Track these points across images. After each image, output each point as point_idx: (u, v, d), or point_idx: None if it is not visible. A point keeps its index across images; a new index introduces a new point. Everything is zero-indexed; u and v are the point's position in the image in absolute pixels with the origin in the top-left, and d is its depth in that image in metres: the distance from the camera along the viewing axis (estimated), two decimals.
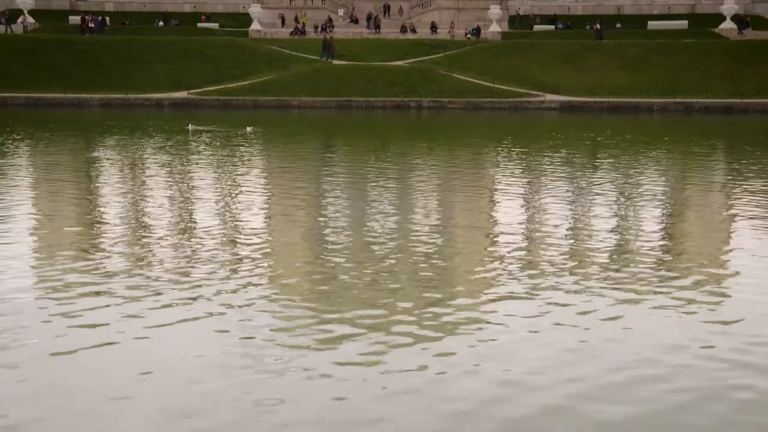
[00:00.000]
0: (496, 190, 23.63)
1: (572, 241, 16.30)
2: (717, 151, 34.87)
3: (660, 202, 21.42)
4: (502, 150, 33.83)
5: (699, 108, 55.33)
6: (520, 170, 27.59)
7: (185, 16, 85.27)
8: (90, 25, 70.09)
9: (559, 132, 41.19)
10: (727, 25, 74.25)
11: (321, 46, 65.06)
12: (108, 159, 29.46)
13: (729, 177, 26.10)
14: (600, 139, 37.74)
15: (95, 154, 30.98)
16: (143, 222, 17.96)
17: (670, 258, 15.07)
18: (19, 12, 76.79)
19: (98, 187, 23.49)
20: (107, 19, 75.58)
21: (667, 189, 24.18)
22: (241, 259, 14.38)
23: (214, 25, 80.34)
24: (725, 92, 57.92)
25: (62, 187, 22.66)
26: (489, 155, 32.57)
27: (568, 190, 22.82)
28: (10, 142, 34.21)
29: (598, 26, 72.46)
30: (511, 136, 39.22)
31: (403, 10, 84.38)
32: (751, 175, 26.11)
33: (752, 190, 22.86)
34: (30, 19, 72.61)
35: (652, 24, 79.99)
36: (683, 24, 79.64)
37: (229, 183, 24.10)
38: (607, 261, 14.60)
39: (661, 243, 16.48)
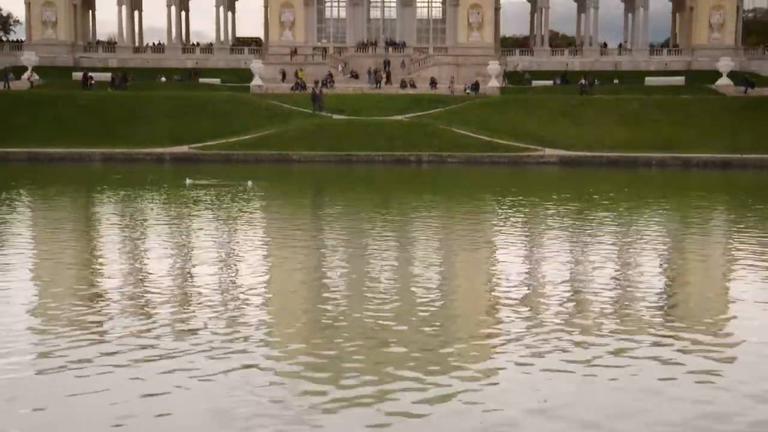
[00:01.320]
0: (496, 244, 23.61)
1: (575, 293, 16.23)
2: (719, 205, 34.94)
3: (664, 259, 21.40)
4: (502, 204, 33.89)
5: (697, 163, 55.60)
6: (521, 224, 27.60)
7: (187, 72, 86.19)
8: (112, 81, 72.44)
9: (559, 186, 41.32)
10: (724, 81, 75.08)
11: (311, 99, 65.85)
12: (104, 216, 29.47)
13: (731, 231, 26.12)
14: (600, 194, 37.84)
15: (91, 211, 31.01)
16: (140, 289, 17.89)
17: (674, 309, 15.00)
18: (23, 69, 77.78)
19: (93, 248, 23.36)
20: (129, 76, 76.70)
21: (669, 244, 24.18)
22: (239, 317, 14.29)
23: (216, 81, 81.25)
24: (723, 148, 58.27)
25: (55, 248, 22.61)
26: (489, 209, 32.63)
27: (569, 243, 22.80)
28: (7, 200, 34.28)
29: (584, 81, 73.32)
30: (511, 190, 39.31)
31: (404, 65, 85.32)
32: (754, 228, 26.12)
33: (754, 244, 22.85)
34: (35, 76, 73.40)
35: (649, 80, 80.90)
36: (680, 80, 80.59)
37: (227, 238, 24.08)
38: (610, 312, 14.52)
39: (664, 296, 16.42)
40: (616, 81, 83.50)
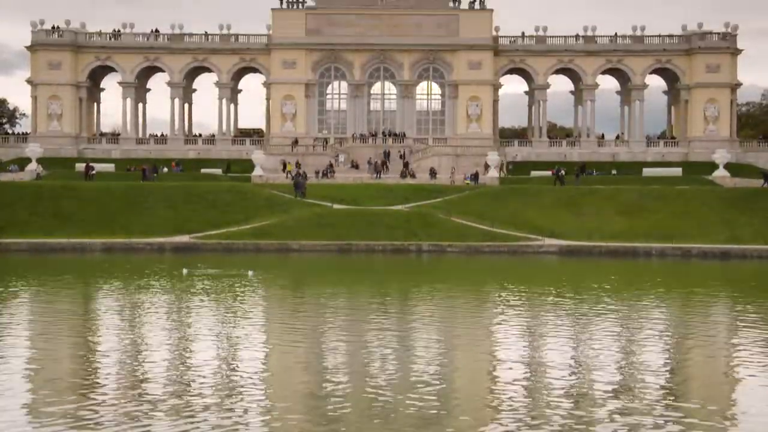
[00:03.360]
0: (497, 333, 23.45)
1: (577, 383, 16.04)
2: (722, 295, 34.82)
3: (668, 348, 21.23)
4: (503, 294, 33.79)
5: (697, 253, 55.63)
6: (522, 313, 27.46)
7: (190, 163, 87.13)
8: (143, 171, 73.73)
9: (560, 275, 41.25)
10: (721, 173, 75.82)
11: (293, 186, 67.56)
12: (101, 309, 29.34)
13: (735, 320, 25.97)
14: (601, 283, 37.78)
15: (87, 303, 30.89)
16: (137, 377, 17.72)
17: (678, 398, 14.80)
18: (27, 160, 78.69)
19: (89, 341, 23.08)
20: (159, 167, 77.47)
21: (673, 333, 24.01)
22: (237, 405, 14.11)
23: (217, 171, 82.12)
24: (722, 238, 58.44)
25: (51, 343, 22.42)
26: (490, 299, 32.51)
27: (571, 333, 22.63)
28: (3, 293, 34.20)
29: (563, 172, 73.89)
30: (511, 280, 39.25)
31: (404, 156, 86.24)
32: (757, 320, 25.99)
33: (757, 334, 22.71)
34: (40, 168, 74.03)
35: (647, 171, 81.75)
36: (677, 171, 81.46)
37: (227, 328, 23.91)
38: (613, 401, 14.32)
39: (667, 382, 16.24)
40: (614, 171, 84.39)
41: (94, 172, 72.78)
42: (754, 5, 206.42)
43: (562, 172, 74.32)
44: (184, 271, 39.95)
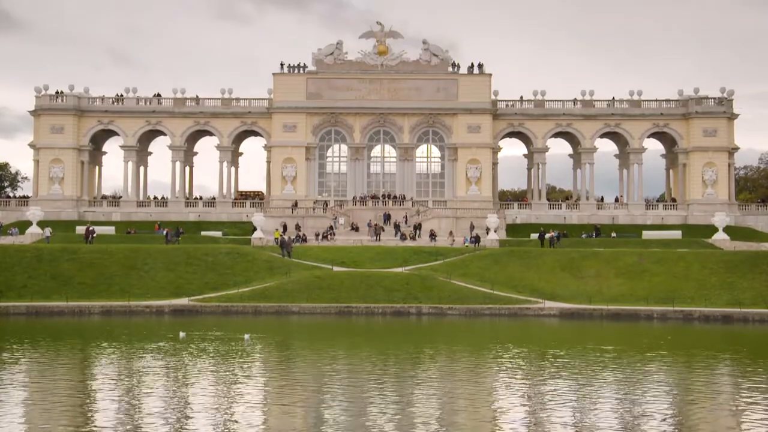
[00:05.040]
0: (497, 399, 23.20)
1: None
2: (730, 363, 34.54)
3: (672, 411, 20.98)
4: (503, 359, 33.51)
5: (699, 317, 55.37)
6: (523, 376, 27.20)
7: (190, 225, 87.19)
8: (164, 233, 74.41)
9: (561, 339, 40.96)
10: (720, 236, 75.89)
11: (279, 246, 69.04)
12: (98, 373, 29.07)
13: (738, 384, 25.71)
14: (603, 347, 37.50)
15: (82, 368, 30.62)
16: None
17: None
18: (28, 223, 78.79)
19: (86, 407, 22.89)
20: (180, 229, 77.45)
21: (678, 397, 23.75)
22: None
23: (218, 233, 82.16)
24: (723, 301, 58.29)
25: (49, 410, 22.20)
26: (490, 361, 32.22)
27: (573, 395, 22.38)
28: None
29: (552, 234, 74.17)
30: (512, 343, 38.96)
31: (406, 218, 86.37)
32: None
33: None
34: (47, 232, 73.86)
35: (646, 234, 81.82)
36: (677, 234, 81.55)
37: (221, 395, 23.65)
38: None
39: None
40: (613, 234, 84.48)
41: (94, 234, 72.83)
42: (749, 70, 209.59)
43: (554, 234, 74.47)
44: (181, 334, 39.75)
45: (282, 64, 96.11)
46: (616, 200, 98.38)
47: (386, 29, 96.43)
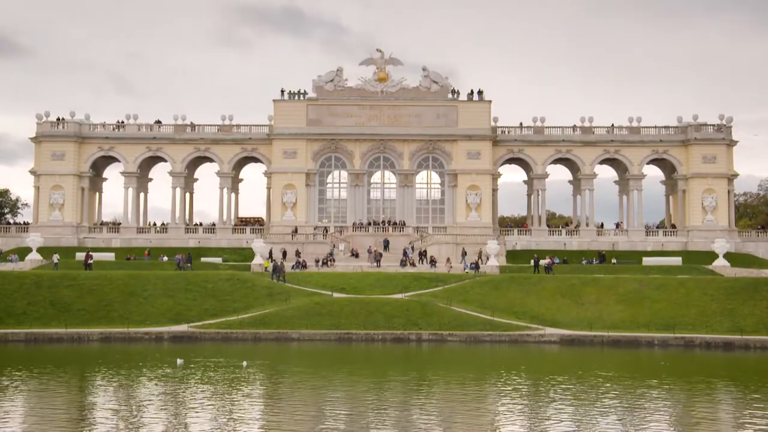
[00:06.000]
0: (498, 422, 23.06)
1: None
2: (728, 388, 34.38)
3: None
4: (504, 386, 33.34)
5: (700, 343, 55.16)
6: (523, 406, 27.06)
7: (190, 252, 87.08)
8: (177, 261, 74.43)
9: (561, 366, 40.77)
10: (721, 262, 75.82)
11: (272, 270, 69.56)
12: (95, 402, 28.93)
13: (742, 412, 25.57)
14: (604, 374, 37.33)
15: (79, 396, 30.47)
16: None
17: None
18: (28, 250, 78.71)
19: None
20: (190, 255, 77.50)
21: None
22: None
23: (218, 260, 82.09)
24: (724, 328, 58.10)
25: None
26: (490, 388, 32.06)
27: (574, 422, 22.25)
28: None
29: (549, 260, 74.31)
30: (512, 369, 38.79)
31: (412, 246, 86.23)
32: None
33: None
34: (56, 258, 73.77)
35: (647, 260, 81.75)
36: (677, 260, 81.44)
37: (218, 422, 23.53)
38: None
39: None
40: (613, 260, 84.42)
41: (91, 261, 72.52)
42: (748, 97, 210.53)
43: (548, 261, 74.57)
44: (179, 361, 39.62)
45: (282, 91, 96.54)
46: (617, 226, 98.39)
47: (386, 56, 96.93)
